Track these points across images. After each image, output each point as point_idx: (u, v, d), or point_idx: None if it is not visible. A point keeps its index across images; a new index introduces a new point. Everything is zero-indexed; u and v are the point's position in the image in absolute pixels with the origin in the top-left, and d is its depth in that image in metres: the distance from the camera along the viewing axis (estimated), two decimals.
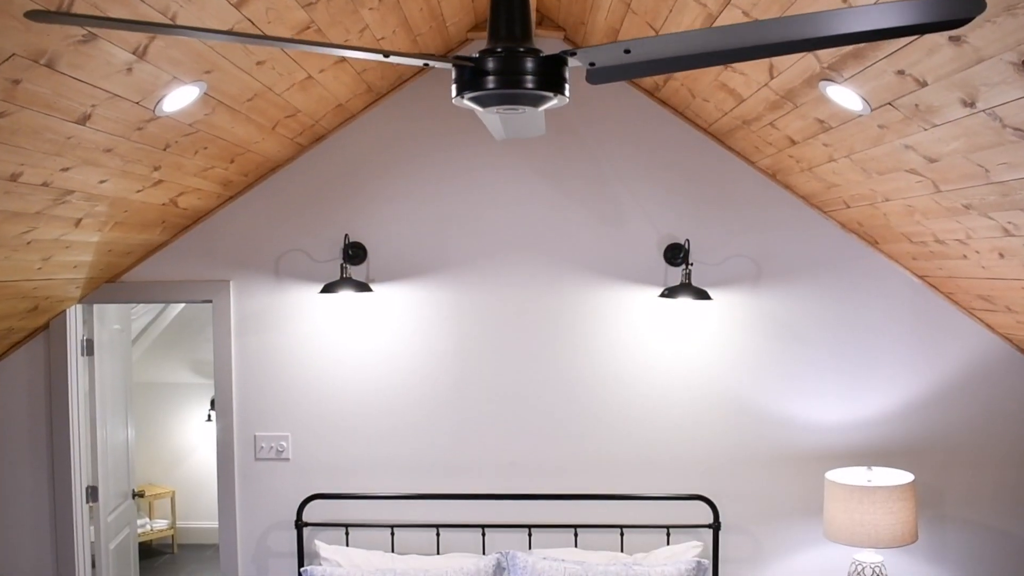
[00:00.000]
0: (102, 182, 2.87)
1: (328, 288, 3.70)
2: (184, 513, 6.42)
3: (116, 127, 2.54)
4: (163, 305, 5.91)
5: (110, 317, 4.35)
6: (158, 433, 6.39)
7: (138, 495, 4.68)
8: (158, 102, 2.54)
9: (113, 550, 4.34)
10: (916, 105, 2.39)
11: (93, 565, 4.18)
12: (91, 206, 3.01)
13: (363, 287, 3.74)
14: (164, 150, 2.93)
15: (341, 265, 3.76)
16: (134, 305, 5.25)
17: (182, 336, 6.21)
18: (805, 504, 3.95)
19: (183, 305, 6.07)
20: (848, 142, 2.97)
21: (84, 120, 2.38)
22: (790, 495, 3.96)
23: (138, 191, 3.15)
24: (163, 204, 3.46)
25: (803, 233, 3.92)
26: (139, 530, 6.05)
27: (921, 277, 3.91)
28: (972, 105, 2.19)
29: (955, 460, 3.96)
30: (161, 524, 6.21)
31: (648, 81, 3.77)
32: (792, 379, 3.94)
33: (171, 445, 6.43)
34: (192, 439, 6.33)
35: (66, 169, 2.61)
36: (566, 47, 3.86)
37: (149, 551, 6.29)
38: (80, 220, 3.08)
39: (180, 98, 2.60)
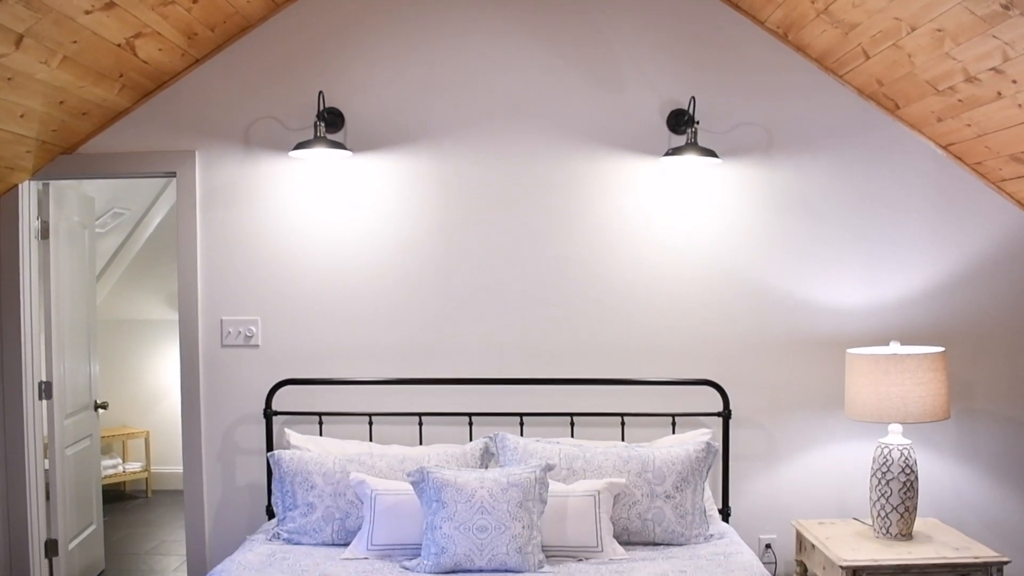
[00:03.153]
0: None
1: (301, 146, 3.38)
2: (159, 458, 6.05)
3: None
4: (133, 224, 5.57)
5: (69, 205, 4.03)
6: (131, 374, 6.04)
7: (101, 407, 4.33)
8: None
9: (72, 458, 3.99)
10: None
11: (47, 488, 3.84)
12: (33, 17, 2.70)
13: (339, 146, 3.43)
14: None
15: (315, 124, 3.45)
16: (100, 214, 4.94)
17: (156, 264, 5.86)
18: (823, 395, 3.61)
19: (156, 224, 5.73)
20: None
21: None
22: (807, 384, 3.62)
23: (87, 12, 2.84)
24: (119, 45, 3.15)
25: (818, 100, 3.61)
26: (111, 471, 5.70)
27: (945, 147, 3.60)
28: None
29: (985, 347, 3.63)
30: (135, 466, 5.85)
31: None
32: (807, 257, 3.62)
33: (146, 387, 6.07)
34: (168, 380, 5.98)
35: None
36: None
37: (122, 495, 5.92)
38: (21, 39, 2.77)
39: None
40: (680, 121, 3.58)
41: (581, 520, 3.00)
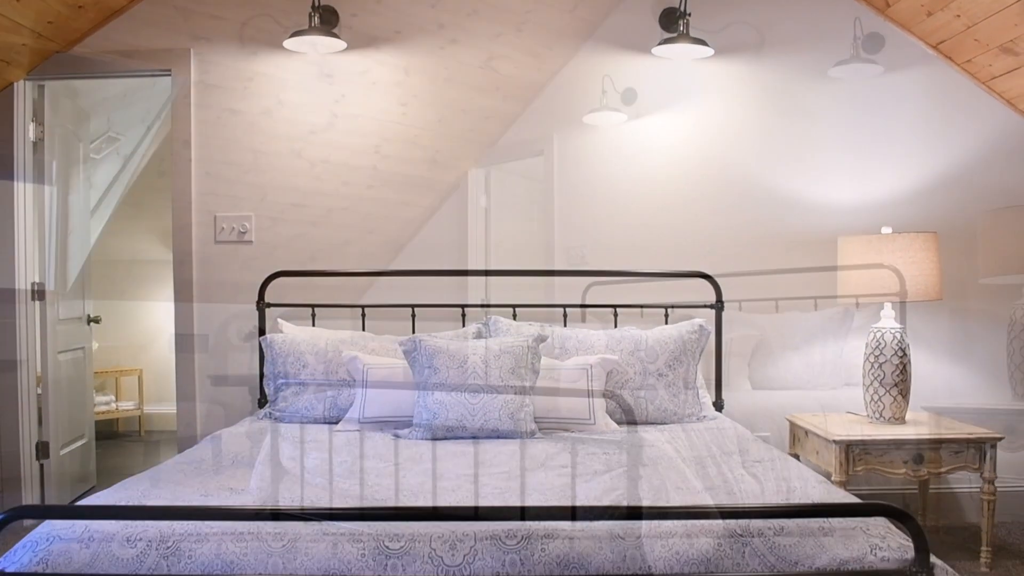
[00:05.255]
0: None
1: (296, 35, 3.39)
2: (153, 397, 6.04)
3: None
4: (127, 155, 5.56)
5: (64, 113, 4.03)
6: (124, 315, 6.03)
7: (93, 320, 4.32)
8: None
9: (64, 364, 3.98)
10: None
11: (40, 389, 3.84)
12: None
13: (333, 35, 3.44)
14: None
15: (309, 15, 3.46)
16: (95, 137, 4.93)
17: (150, 202, 5.86)
18: (816, 290, 3.62)
19: (151, 154, 5.72)
20: None
21: None
22: (799, 280, 3.63)
23: None
24: None
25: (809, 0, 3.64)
26: (104, 407, 5.69)
27: (935, 46, 3.63)
28: None
29: (976, 246, 3.64)
30: (128, 405, 5.83)
31: None
32: (799, 154, 3.65)
33: (139, 328, 6.06)
34: (161, 320, 5.96)
35: None
36: None
37: (115, 434, 5.91)
38: None
39: None
40: (672, 19, 3.60)
41: (574, 393, 3.00)
